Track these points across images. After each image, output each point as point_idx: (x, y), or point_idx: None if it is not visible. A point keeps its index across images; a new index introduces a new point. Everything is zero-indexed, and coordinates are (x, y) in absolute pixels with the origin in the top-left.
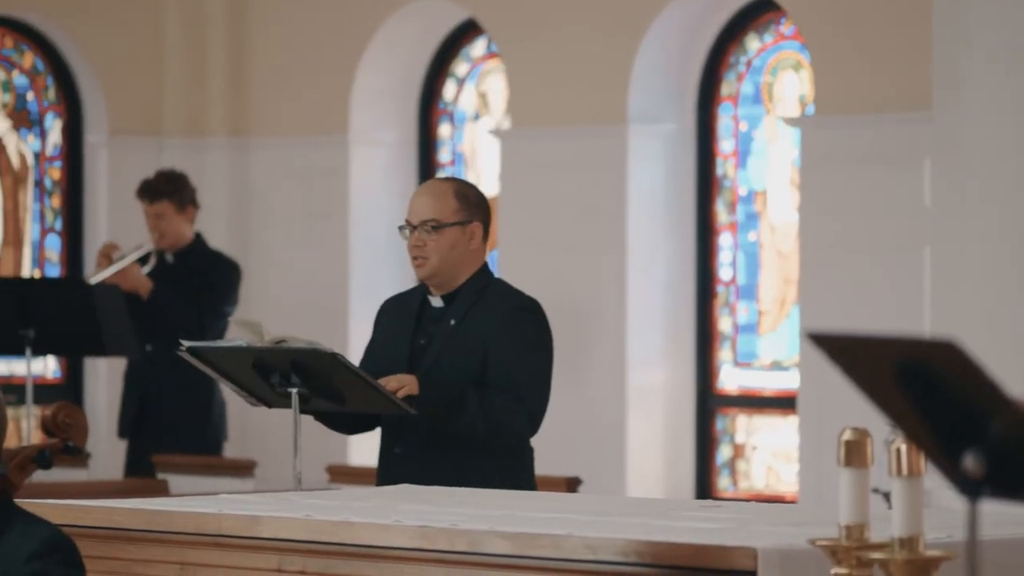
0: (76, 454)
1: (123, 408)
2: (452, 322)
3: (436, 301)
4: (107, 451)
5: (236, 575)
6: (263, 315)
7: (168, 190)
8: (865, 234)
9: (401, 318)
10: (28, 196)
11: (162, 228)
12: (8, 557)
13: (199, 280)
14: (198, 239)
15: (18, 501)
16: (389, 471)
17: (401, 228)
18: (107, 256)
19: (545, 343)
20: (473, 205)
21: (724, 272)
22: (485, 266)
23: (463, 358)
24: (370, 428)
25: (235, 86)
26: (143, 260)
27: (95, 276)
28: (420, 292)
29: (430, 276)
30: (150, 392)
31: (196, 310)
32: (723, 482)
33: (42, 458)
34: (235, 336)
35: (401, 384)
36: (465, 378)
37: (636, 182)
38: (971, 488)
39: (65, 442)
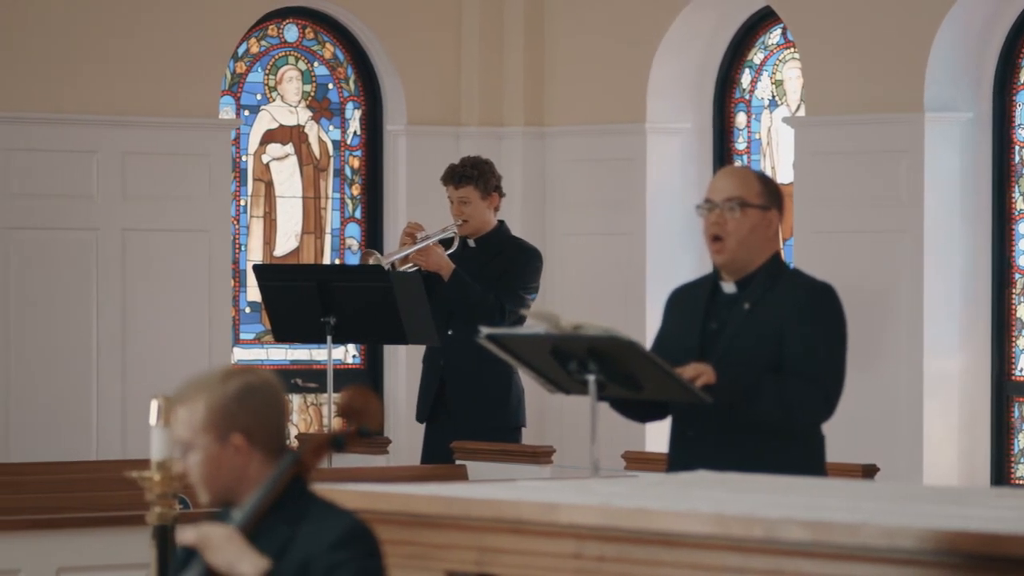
0: (371, 438)
1: (422, 393)
2: (746, 306)
3: (728, 287)
4: (406, 436)
5: (534, 561)
6: (559, 302)
7: (473, 175)
8: None
9: (691, 305)
10: (329, 185)
11: (466, 213)
12: (309, 543)
13: (501, 266)
14: (501, 226)
15: (319, 486)
16: (681, 454)
17: (699, 207)
18: (411, 235)
19: (840, 326)
20: (773, 193)
21: (1022, 260)
22: (778, 254)
23: (757, 342)
24: (662, 417)
25: (532, 75)
26: (446, 243)
27: (397, 253)
28: (710, 280)
29: (728, 261)
30: (449, 377)
31: (496, 296)
32: (1020, 470)
33: (337, 442)
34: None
35: (698, 373)
36: (760, 362)
37: (933, 170)
38: None
39: (359, 427)
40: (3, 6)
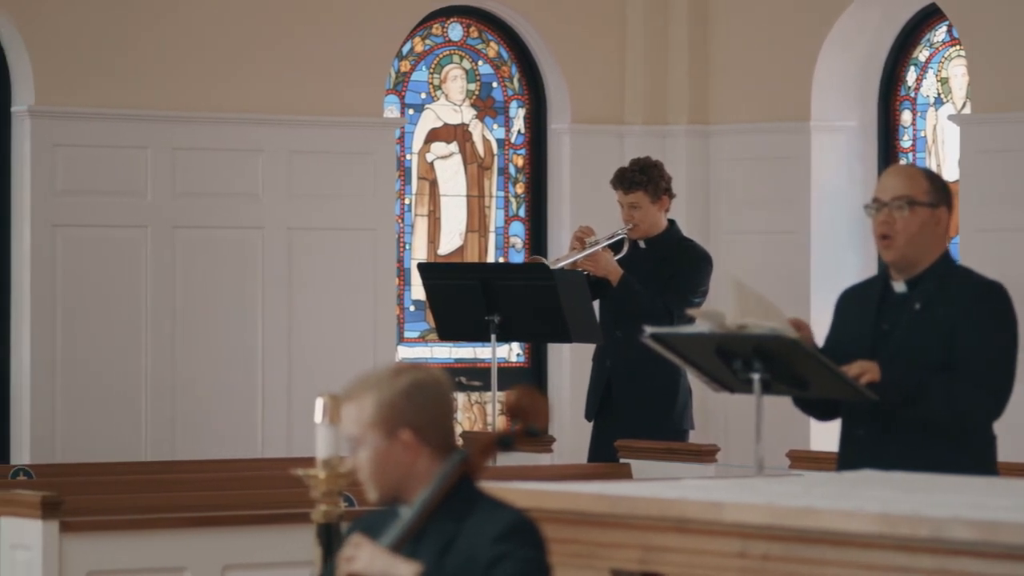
0: (537, 437)
1: (590, 392)
2: (917, 306)
3: (899, 286)
4: (571, 435)
5: (698, 560)
6: (722, 301)
7: (642, 180)
8: None
9: (863, 305)
10: (492, 184)
11: (636, 218)
12: (474, 537)
13: (670, 268)
14: (672, 227)
15: (485, 484)
16: (850, 453)
17: (867, 206)
18: (581, 240)
19: (1011, 324)
20: (941, 190)
21: None
22: (947, 252)
23: (928, 342)
24: (839, 415)
25: (696, 74)
26: (616, 246)
27: (567, 258)
28: (881, 279)
29: (898, 259)
30: (617, 376)
31: (664, 299)
32: None
33: (504, 441)
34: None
35: (863, 370)
36: (929, 362)
37: None
38: None
39: (527, 426)
40: (171, 8)
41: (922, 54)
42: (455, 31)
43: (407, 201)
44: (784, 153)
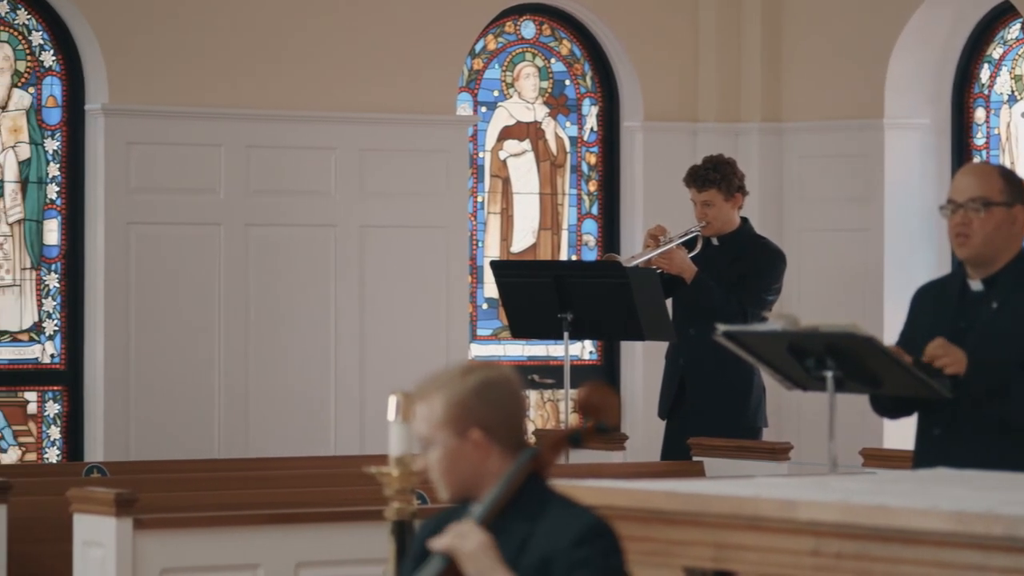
0: (608, 434)
1: (663, 390)
2: (994, 305)
3: (976, 285)
4: (644, 433)
5: (771, 558)
6: (795, 298)
7: (716, 178)
8: None
9: (939, 303)
10: (565, 181)
11: (709, 216)
12: (550, 540)
13: (743, 266)
14: (745, 225)
15: (557, 482)
16: (926, 452)
17: (942, 207)
18: (655, 238)
19: None
20: (1016, 189)
21: None
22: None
23: (1005, 342)
24: (913, 413)
25: (770, 72)
26: (689, 244)
27: (641, 256)
28: (958, 277)
29: (973, 256)
30: (690, 374)
31: (738, 296)
32: None
33: (574, 439)
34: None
35: (945, 353)
36: (1007, 362)
37: None
38: None
39: (597, 422)
40: (245, 5)
41: (995, 51)
42: (528, 29)
43: (480, 199)
44: (857, 151)
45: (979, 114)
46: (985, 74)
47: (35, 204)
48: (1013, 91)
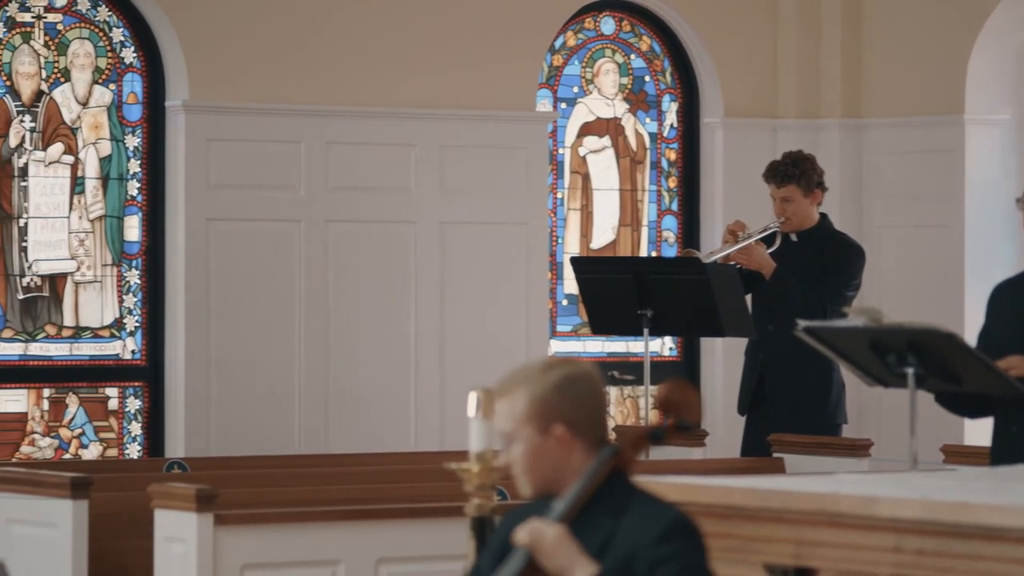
0: (689, 431)
1: (743, 386)
2: None
3: None
4: (724, 429)
5: (852, 554)
6: (875, 294)
7: (795, 174)
8: None
9: (1016, 301)
10: (645, 178)
11: (788, 211)
12: (633, 536)
13: (823, 262)
14: (824, 220)
15: (638, 478)
16: (1004, 450)
17: (1019, 200)
18: (734, 233)
19: None
20: None
21: None
22: None
23: None
24: (987, 413)
25: (850, 68)
26: (768, 240)
27: (719, 252)
28: None
29: None
30: (769, 370)
31: (817, 292)
32: None
33: (655, 435)
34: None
35: (1009, 366)
36: None
37: None
38: None
39: (678, 419)
40: (325, 2)
41: None
42: (607, 25)
43: (559, 195)
44: (938, 147)
45: None
46: None
47: (116, 200)
48: None
